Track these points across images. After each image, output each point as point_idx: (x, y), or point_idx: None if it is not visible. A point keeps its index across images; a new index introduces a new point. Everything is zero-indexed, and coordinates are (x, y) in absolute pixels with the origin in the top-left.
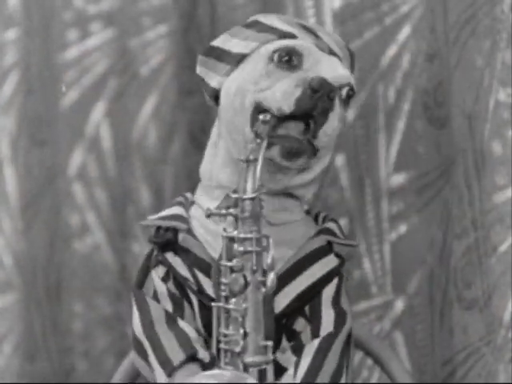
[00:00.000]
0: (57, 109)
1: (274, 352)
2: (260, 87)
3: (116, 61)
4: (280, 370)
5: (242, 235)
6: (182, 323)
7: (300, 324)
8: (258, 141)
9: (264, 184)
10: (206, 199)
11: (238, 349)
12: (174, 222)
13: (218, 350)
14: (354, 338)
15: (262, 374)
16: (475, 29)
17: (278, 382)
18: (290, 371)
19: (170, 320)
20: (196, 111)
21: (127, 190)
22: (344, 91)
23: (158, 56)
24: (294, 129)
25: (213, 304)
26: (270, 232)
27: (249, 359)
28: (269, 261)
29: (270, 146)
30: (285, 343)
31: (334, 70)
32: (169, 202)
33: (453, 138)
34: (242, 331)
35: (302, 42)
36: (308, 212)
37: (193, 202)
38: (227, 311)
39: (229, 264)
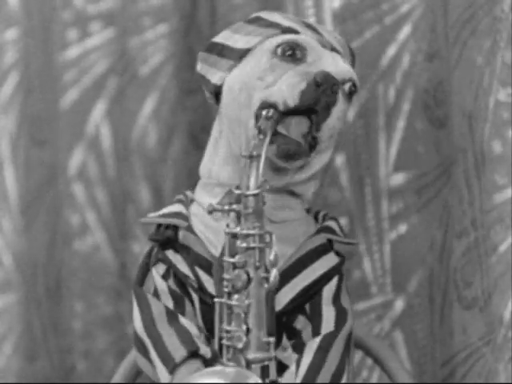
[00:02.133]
0: (57, 108)
1: (275, 349)
2: (266, 83)
3: (116, 61)
4: (281, 368)
5: (244, 231)
6: (183, 320)
7: (300, 322)
8: (261, 137)
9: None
10: (205, 197)
11: (240, 345)
12: (174, 219)
13: (221, 346)
14: (354, 337)
15: (264, 371)
16: (475, 28)
17: (279, 379)
18: (292, 369)
19: (171, 317)
20: (196, 111)
21: (127, 190)
22: (346, 86)
23: (158, 56)
24: (297, 124)
25: (215, 300)
26: (270, 229)
27: (251, 355)
28: (271, 257)
29: (270, 143)
30: (285, 341)
31: (337, 65)
32: (169, 201)
33: (453, 137)
34: (244, 327)
35: (305, 37)
36: (308, 210)
37: (192, 200)
38: (229, 307)
39: (231, 260)
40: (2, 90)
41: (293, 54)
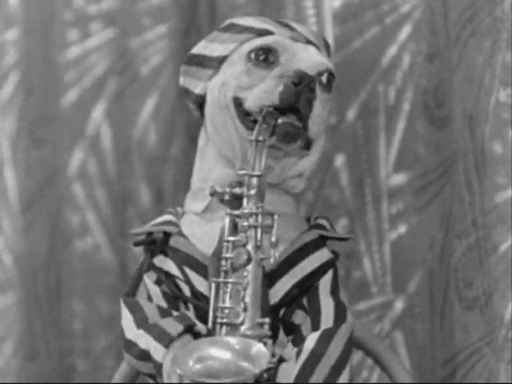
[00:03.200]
0: (57, 108)
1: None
2: (241, 84)
3: (116, 61)
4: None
5: (247, 210)
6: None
7: (299, 317)
8: (265, 126)
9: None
10: (193, 203)
11: (238, 321)
12: (164, 226)
13: (214, 324)
14: (354, 338)
15: None
16: (476, 29)
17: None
18: (289, 362)
19: (165, 312)
20: None
21: (127, 190)
22: (324, 77)
23: (158, 56)
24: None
25: (212, 279)
26: None
27: (248, 331)
28: (273, 238)
29: (270, 135)
30: (282, 337)
31: (311, 58)
32: (169, 201)
33: (453, 138)
34: (242, 305)
35: (277, 38)
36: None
37: (183, 213)
38: (226, 286)
39: (232, 239)
40: (2, 90)
41: (266, 58)
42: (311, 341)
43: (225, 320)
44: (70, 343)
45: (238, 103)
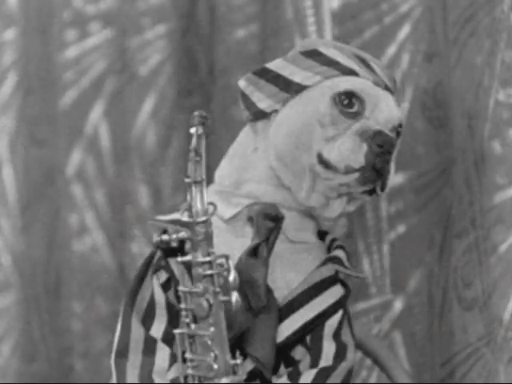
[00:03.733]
0: (55, 109)
1: (271, 375)
2: (325, 134)
3: (115, 61)
4: None
5: (200, 259)
6: (160, 350)
7: (299, 352)
8: (198, 158)
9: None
10: (223, 206)
11: (211, 374)
12: (180, 234)
13: (186, 376)
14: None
15: None
16: (475, 28)
17: None
18: None
19: (148, 348)
20: (195, 111)
21: (126, 190)
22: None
23: (157, 56)
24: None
25: (176, 331)
26: (288, 249)
27: (224, 381)
28: (231, 279)
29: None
30: (282, 370)
31: (391, 111)
32: (168, 201)
33: (452, 137)
34: (212, 355)
35: (363, 84)
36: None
37: None
38: (191, 336)
39: (189, 290)
40: (0, 90)
41: (352, 105)
42: (308, 376)
43: (198, 372)
44: (69, 343)
45: (321, 160)
